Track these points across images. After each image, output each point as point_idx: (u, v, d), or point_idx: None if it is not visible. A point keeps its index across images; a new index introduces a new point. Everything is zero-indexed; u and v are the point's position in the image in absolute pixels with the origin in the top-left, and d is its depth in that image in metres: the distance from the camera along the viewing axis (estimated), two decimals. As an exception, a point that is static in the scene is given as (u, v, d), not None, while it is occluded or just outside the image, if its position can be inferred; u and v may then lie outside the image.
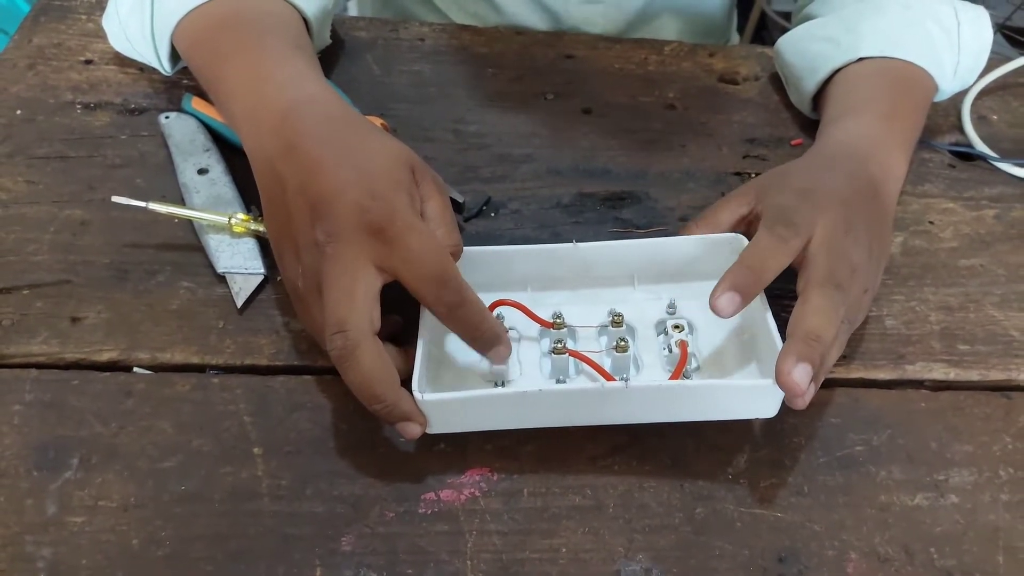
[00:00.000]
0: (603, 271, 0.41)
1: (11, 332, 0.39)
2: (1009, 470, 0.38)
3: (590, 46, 0.58)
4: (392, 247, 0.34)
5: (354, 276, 0.34)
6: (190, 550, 0.33)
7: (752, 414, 0.36)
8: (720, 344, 0.39)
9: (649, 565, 0.34)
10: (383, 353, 0.34)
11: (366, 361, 0.33)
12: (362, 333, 0.33)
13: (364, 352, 0.33)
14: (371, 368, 0.33)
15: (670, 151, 0.51)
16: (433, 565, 0.33)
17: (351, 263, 0.34)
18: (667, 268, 0.41)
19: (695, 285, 0.41)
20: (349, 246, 0.34)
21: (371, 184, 0.35)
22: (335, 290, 0.34)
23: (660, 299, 0.41)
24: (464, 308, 0.35)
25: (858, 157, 0.43)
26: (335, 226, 0.34)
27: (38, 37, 0.54)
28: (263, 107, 0.39)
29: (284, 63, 0.42)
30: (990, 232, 0.48)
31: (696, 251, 0.41)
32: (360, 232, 0.34)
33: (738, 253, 0.39)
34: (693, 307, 0.41)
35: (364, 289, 0.34)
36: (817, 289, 0.35)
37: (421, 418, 0.34)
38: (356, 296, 0.34)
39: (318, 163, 0.36)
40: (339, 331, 0.33)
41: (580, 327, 0.40)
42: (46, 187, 0.45)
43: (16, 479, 0.34)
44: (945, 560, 0.34)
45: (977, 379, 0.41)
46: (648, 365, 0.39)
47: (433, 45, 0.57)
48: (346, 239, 0.34)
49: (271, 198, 0.38)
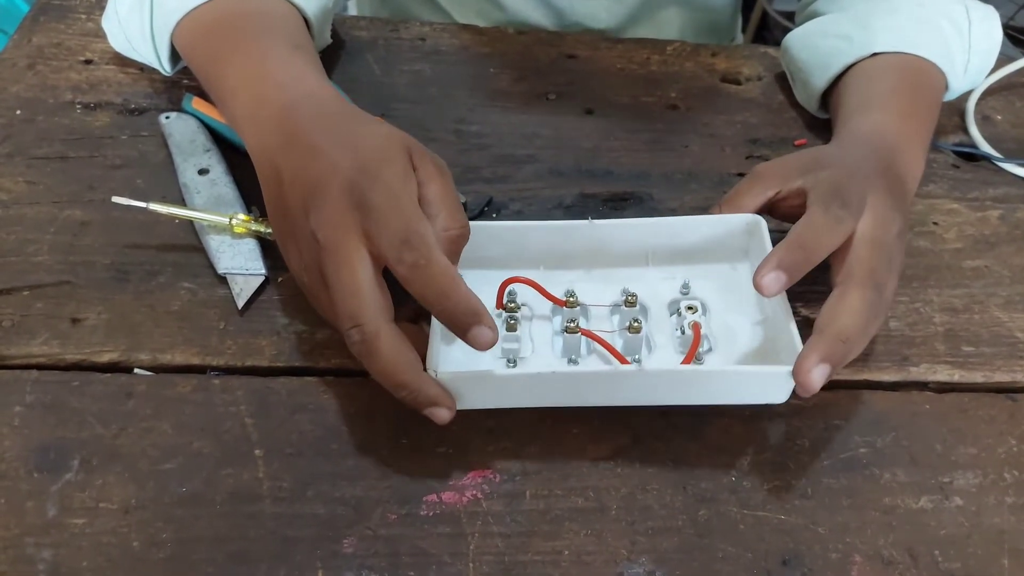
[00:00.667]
0: (617, 249, 0.41)
1: (11, 333, 0.39)
2: (1014, 472, 0.37)
3: (592, 46, 0.58)
4: (368, 215, 0.33)
5: (352, 267, 0.33)
6: (191, 552, 0.33)
7: (763, 399, 0.36)
8: (733, 325, 0.39)
9: (652, 567, 0.33)
10: (402, 339, 0.34)
11: (385, 350, 0.33)
12: (377, 323, 0.33)
13: (383, 341, 0.33)
14: (392, 356, 0.33)
15: (672, 151, 0.51)
16: (435, 567, 0.33)
17: (344, 252, 0.33)
18: (682, 248, 0.41)
19: (710, 266, 0.41)
20: (337, 230, 0.33)
21: (362, 162, 0.35)
22: (339, 285, 0.34)
23: (674, 279, 0.41)
24: (428, 270, 0.32)
25: (888, 149, 0.42)
26: (325, 211, 0.34)
27: (38, 37, 0.54)
28: (264, 106, 0.39)
29: (284, 62, 0.41)
30: (995, 233, 0.48)
31: (712, 231, 0.40)
32: (346, 209, 0.33)
33: (754, 234, 0.39)
34: (707, 288, 0.41)
35: (365, 277, 0.33)
36: (858, 288, 0.34)
37: (449, 401, 0.34)
38: (361, 287, 0.33)
39: (313, 151, 0.36)
40: (354, 325, 0.33)
41: (593, 306, 0.40)
42: (46, 187, 0.45)
43: (16, 481, 0.34)
44: (950, 563, 0.34)
45: (982, 381, 0.41)
46: (660, 346, 0.39)
47: (434, 45, 0.57)
48: (334, 223, 0.34)
49: (271, 193, 0.38)
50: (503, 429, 0.37)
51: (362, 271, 0.33)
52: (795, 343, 0.35)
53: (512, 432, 0.37)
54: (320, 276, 0.35)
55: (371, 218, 0.33)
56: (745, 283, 0.40)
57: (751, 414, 0.38)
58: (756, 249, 0.40)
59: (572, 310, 0.39)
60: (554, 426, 0.37)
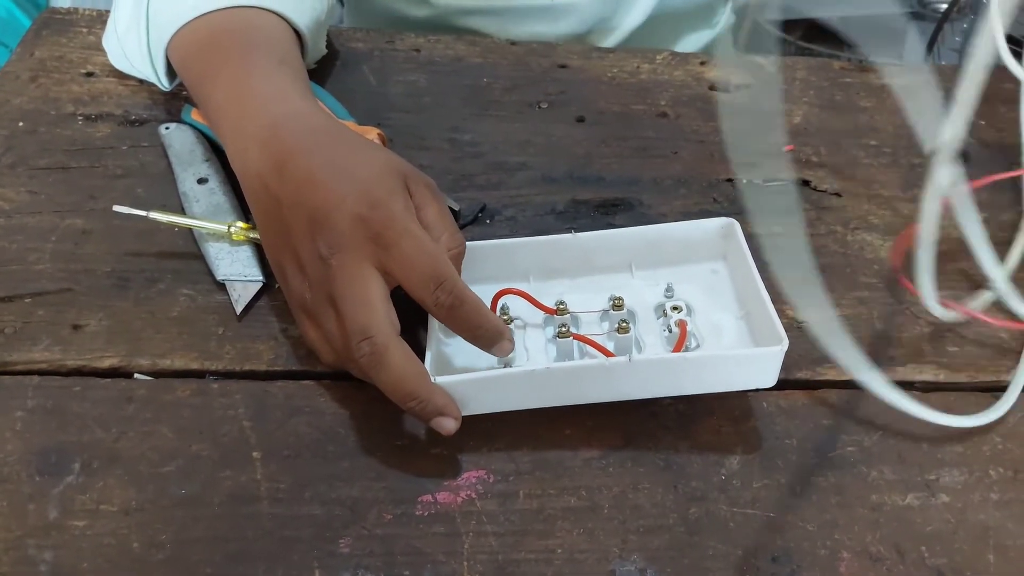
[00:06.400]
0: (601, 259, 0.42)
1: (13, 340, 0.39)
2: (999, 469, 0.38)
3: (583, 56, 0.59)
4: (389, 251, 0.35)
5: (365, 283, 0.35)
6: (190, 553, 0.33)
7: (753, 384, 0.37)
8: (718, 322, 0.41)
9: (643, 565, 0.34)
10: (410, 352, 0.35)
11: (396, 362, 0.34)
12: (387, 336, 0.34)
13: (392, 354, 0.34)
14: (402, 368, 0.34)
15: (662, 158, 0.52)
16: (430, 566, 0.33)
17: (359, 271, 0.35)
18: (663, 253, 0.42)
19: (691, 268, 0.42)
20: (353, 254, 0.35)
21: (367, 194, 0.36)
22: (350, 299, 0.35)
23: (658, 284, 0.42)
24: (463, 308, 0.35)
25: None
26: (337, 238, 0.35)
27: (40, 50, 0.55)
28: (247, 123, 0.40)
29: (268, 79, 0.42)
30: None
31: (690, 236, 0.42)
32: (361, 240, 0.35)
33: (730, 236, 0.41)
34: (690, 289, 0.42)
35: (378, 294, 0.35)
36: None
37: (455, 410, 0.35)
38: (373, 301, 0.35)
39: (311, 177, 0.37)
40: (365, 338, 0.34)
41: (583, 313, 0.41)
42: (48, 197, 0.46)
43: (18, 484, 0.35)
44: (936, 559, 0.35)
45: (967, 380, 0.42)
46: (650, 345, 0.40)
47: (428, 56, 0.58)
48: (350, 249, 0.35)
49: (266, 214, 0.38)
50: (497, 431, 0.37)
51: (375, 287, 0.35)
52: (776, 328, 0.36)
53: (506, 433, 0.37)
54: (326, 294, 0.36)
55: (393, 257, 0.35)
56: (725, 282, 0.42)
57: (740, 414, 0.39)
58: (733, 249, 0.42)
59: (563, 316, 0.40)
60: (547, 427, 0.38)
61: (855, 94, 0.57)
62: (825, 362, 0.41)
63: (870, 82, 0.58)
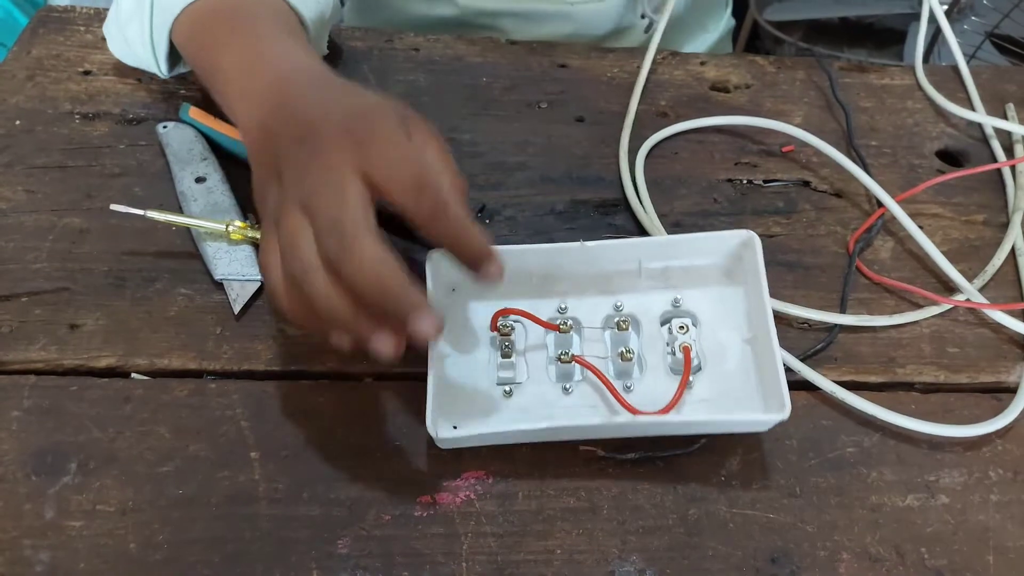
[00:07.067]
0: (610, 268, 0.41)
1: (10, 339, 0.39)
2: (999, 471, 0.38)
3: (583, 55, 0.59)
4: (370, 157, 0.33)
5: (342, 181, 0.32)
6: (187, 553, 0.33)
7: (749, 431, 0.38)
8: (724, 341, 0.40)
9: (643, 566, 0.34)
10: (388, 247, 0.31)
11: (368, 251, 0.31)
12: (359, 226, 0.31)
13: (364, 244, 0.31)
14: (374, 258, 0.31)
15: (663, 158, 0.52)
16: (429, 567, 0.33)
17: (337, 169, 0.32)
18: (673, 265, 0.42)
19: (703, 280, 0.41)
20: (332, 154, 0.33)
21: (358, 110, 0.35)
22: (324, 194, 0.32)
23: (665, 294, 0.42)
24: (446, 216, 0.33)
25: None
26: (319, 143, 0.33)
27: (37, 49, 0.54)
28: (256, 82, 0.39)
29: (277, 42, 0.42)
30: (979, 237, 0.49)
31: (703, 248, 0.41)
32: (345, 145, 0.33)
33: (748, 249, 0.39)
34: (699, 302, 0.41)
35: (355, 191, 0.32)
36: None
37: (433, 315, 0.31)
38: (348, 196, 0.32)
39: (306, 109, 0.36)
40: (333, 230, 0.31)
41: (586, 327, 0.41)
42: (45, 196, 0.46)
43: (15, 484, 0.34)
44: (936, 560, 0.35)
45: (966, 381, 0.41)
46: (652, 367, 0.40)
47: (428, 55, 0.57)
48: (331, 151, 0.33)
49: (261, 152, 0.37)
50: (496, 431, 0.37)
51: (353, 185, 0.32)
52: (782, 394, 0.35)
53: (505, 434, 0.37)
54: (298, 196, 0.33)
55: (375, 163, 0.32)
56: (737, 299, 0.41)
57: (740, 415, 0.39)
58: (748, 262, 0.40)
59: (565, 335, 0.39)
60: (546, 428, 0.38)
61: (855, 94, 0.57)
62: (825, 362, 0.41)
63: (870, 82, 0.58)
